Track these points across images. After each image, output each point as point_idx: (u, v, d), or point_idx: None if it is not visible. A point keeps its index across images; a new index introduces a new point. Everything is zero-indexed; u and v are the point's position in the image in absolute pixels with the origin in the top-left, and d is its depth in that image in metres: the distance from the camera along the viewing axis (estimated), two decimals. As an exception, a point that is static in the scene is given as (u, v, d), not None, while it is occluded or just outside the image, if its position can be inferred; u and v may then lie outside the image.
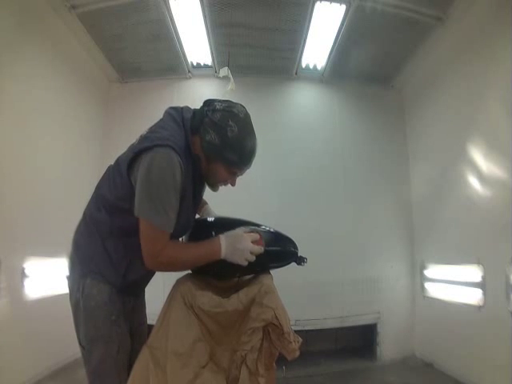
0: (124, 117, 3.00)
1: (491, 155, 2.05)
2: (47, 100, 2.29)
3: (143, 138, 0.95)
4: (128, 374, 0.94)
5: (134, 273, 1.00)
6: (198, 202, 1.14)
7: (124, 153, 1.00)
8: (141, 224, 0.90)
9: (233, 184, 1.06)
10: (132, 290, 1.07)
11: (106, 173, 1.05)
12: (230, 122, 0.94)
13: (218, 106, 0.96)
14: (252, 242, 0.99)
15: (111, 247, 0.98)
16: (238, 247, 0.97)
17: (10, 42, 1.92)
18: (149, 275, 1.09)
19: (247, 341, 0.97)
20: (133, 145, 0.98)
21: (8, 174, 1.92)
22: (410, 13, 2.28)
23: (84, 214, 1.05)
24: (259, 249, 0.99)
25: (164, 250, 0.91)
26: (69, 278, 1.03)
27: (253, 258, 0.98)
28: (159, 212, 0.87)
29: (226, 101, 1.00)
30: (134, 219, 0.91)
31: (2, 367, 1.79)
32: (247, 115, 0.99)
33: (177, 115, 1.00)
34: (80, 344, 0.99)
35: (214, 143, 0.94)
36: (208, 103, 1.00)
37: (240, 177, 1.07)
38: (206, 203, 1.28)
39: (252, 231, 1.03)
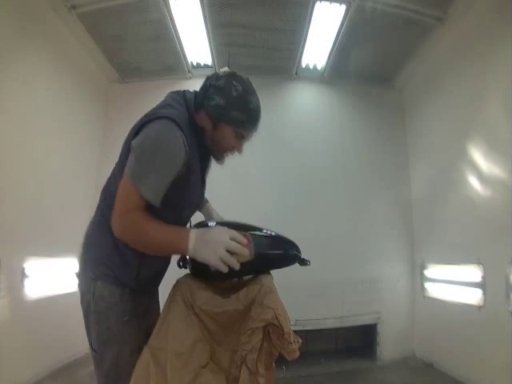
0: (124, 117, 2.96)
1: (491, 155, 2.06)
2: (47, 100, 2.29)
3: (142, 117, 0.93)
4: None
5: (147, 269, 0.99)
6: (204, 181, 1.11)
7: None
8: (122, 181, 0.85)
9: (240, 151, 1.03)
10: (145, 288, 1.05)
11: (111, 172, 1.03)
12: (234, 83, 0.94)
13: (220, 74, 0.97)
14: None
15: (123, 245, 0.93)
16: (208, 239, 0.82)
17: (10, 42, 1.92)
18: (162, 270, 1.07)
19: (247, 341, 0.97)
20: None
21: (8, 173, 1.92)
22: (410, 13, 2.29)
23: (93, 216, 1.03)
24: (241, 249, 0.83)
25: (132, 213, 0.83)
26: (79, 280, 1.01)
27: (232, 261, 0.82)
28: (146, 177, 0.83)
29: (228, 71, 1.01)
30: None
31: (1, 367, 1.79)
32: (249, 80, 0.99)
33: (178, 96, 1.00)
34: (91, 347, 0.97)
35: (219, 105, 0.94)
36: (210, 76, 1.00)
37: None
38: (207, 201, 1.26)
39: (243, 235, 0.87)
